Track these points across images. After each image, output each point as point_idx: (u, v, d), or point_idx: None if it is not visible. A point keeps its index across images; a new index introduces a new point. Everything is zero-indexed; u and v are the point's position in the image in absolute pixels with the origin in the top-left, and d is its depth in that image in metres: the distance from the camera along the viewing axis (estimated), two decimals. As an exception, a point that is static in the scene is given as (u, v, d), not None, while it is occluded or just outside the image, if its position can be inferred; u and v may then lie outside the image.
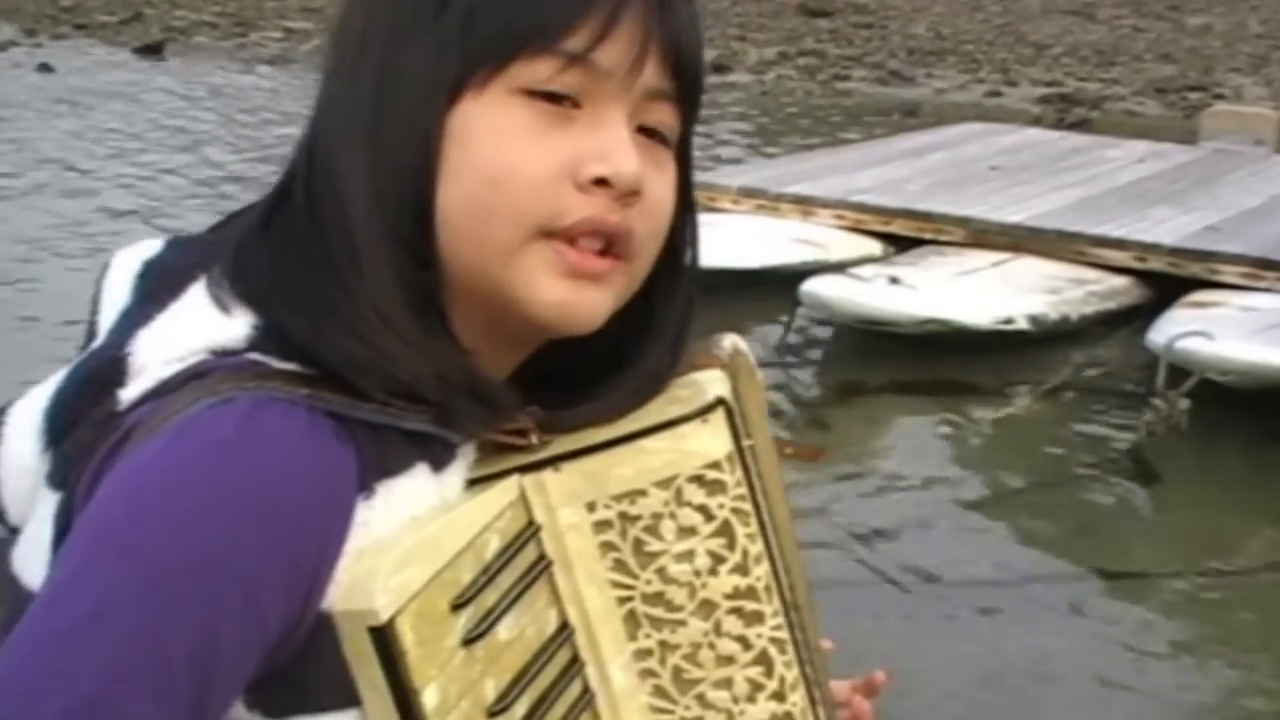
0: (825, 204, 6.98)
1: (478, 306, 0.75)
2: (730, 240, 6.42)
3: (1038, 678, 3.56)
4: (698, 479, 0.76)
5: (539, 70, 0.71)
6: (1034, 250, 6.45)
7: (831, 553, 4.16)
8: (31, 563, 0.67)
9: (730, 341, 0.89)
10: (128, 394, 0.68)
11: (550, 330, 0.76)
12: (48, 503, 0.68)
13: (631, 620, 0.77)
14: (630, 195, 0.74)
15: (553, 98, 0.72)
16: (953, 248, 6.56)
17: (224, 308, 0.70)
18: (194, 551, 0.62)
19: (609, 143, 0.73)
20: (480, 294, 0.74)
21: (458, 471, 0.72)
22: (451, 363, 0.71)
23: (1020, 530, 4.39)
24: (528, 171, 0.72)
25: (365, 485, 0.67)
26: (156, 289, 0.72)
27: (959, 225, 6.71)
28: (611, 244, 0.74)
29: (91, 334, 0.74)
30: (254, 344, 0.69)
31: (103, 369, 0.69)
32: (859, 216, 6.90)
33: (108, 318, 0.73)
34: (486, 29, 0.71)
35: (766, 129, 10.85)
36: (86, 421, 0.68)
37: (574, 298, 0.74)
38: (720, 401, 0.78)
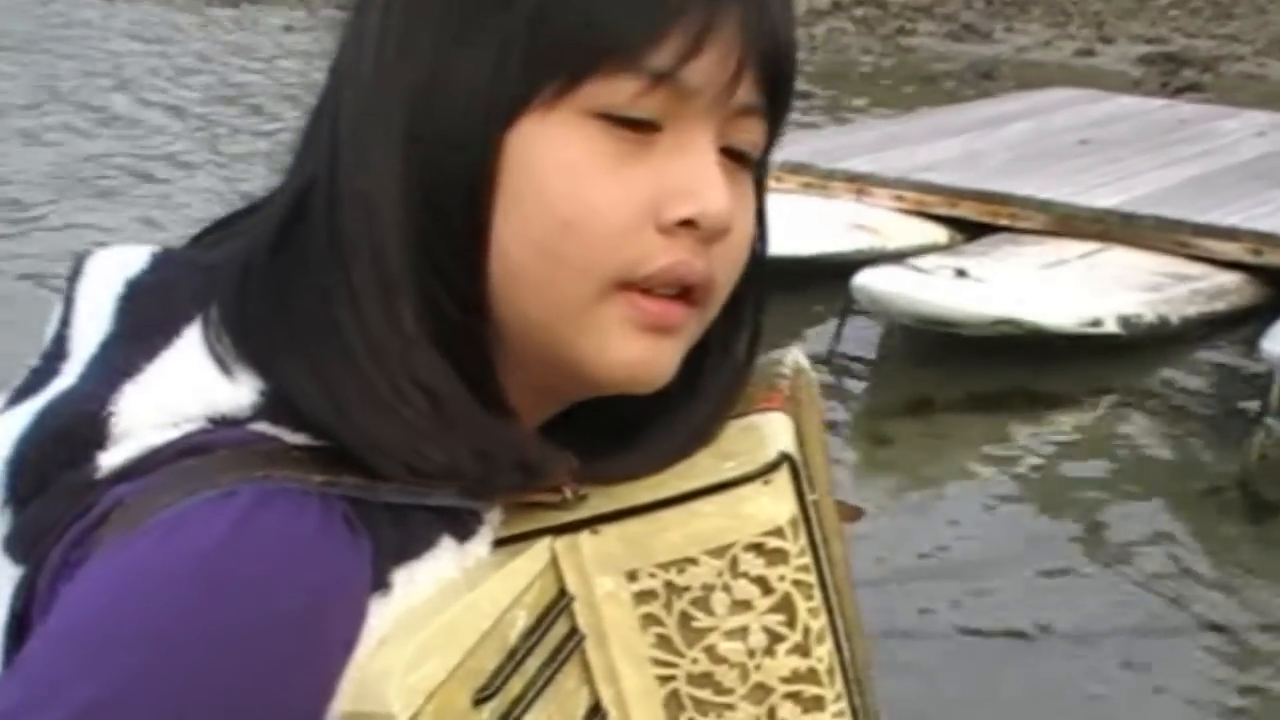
0: (883, 183, 6.99)
1: (527, 360, 0.74)
2: (772, 224, 6.42)
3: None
4: (756, 547, 0.77)
5: (618, 91, 0.70)
6: (1128, 240, 6.44)
7: (889, 595, 4.17)
8: None
9: (793, 361, 0.91)
10: (108, 460, 0.67)
11: (611, 390, 0.76)
12: (5, 575, 0.68)
13: (674, 703, 0.78)
14: (717, 235, 0.73)
15: (632, 123, 0.71)
16: (1031, 236, 6.56)
17: (225, 369, 0.69)
18: (176, 683, 0.62)
19: (696, 176, 0.72)
20: (534, 348, 0.74)
21: (484, 536, 0.73)
22: (498, 437, 0.71)
23: (1104, 571, 4.40)
24: (606, 215, 0.70)
25: (381, 581, 0.68)
26: (143, 324, 0.71)
27: (1040, 210, 6.71)
28: (690, 289, 0.74)
29: (60, 348, 0.73)
30: (261, 412, 0.69)
31: (80, 426, 0.68)
32: (922, 198, 6.91)
33: (83, 338, 0.73)
34: (558, 36, 0.69)
35: (815, 93, 10.83)
36: (57, 487, 0.67)
37: (648, 355, 0.74)
38: (785, 458, 0.78)
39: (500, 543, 0.74)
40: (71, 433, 0.68)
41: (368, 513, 0.68)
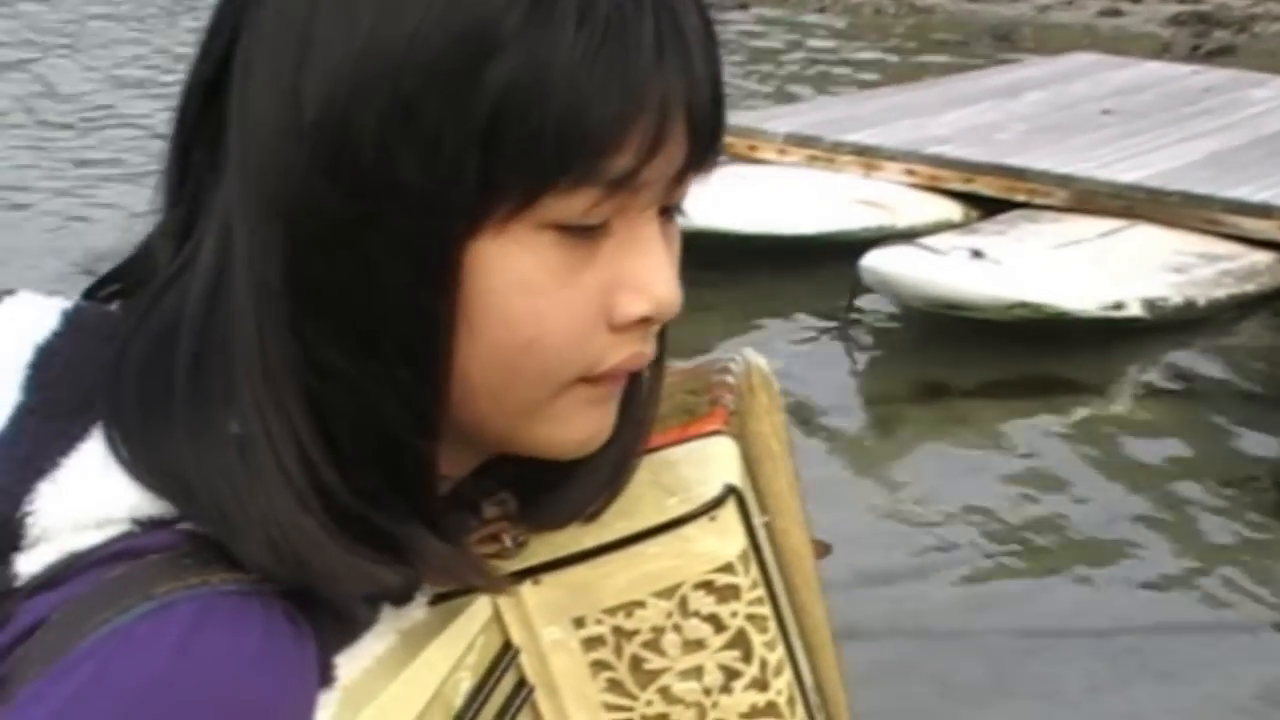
0: (893, 156, 6.99)
1: (468, 439, 0.76)
2: (774, 200, 6.45)
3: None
4: (706, 585, 0.79)
5: (574, 204, 0.71)
6: (1153, 217, 6.43)
7: (895, 590, 4.20)
8: None
9: (744, 366, 0.92)
10: (26, 566, 0.67)
11: (559, 457, 0.78)
12: None
13: None
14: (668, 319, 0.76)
15: (584, 229, 0.72)
16: (1050, 213, 6.55)
17: (133, 475, 0.69)
18: None
19: (647, 270, 0.74)
20: (482, 436, 0.76)
21: (422, 595, 0.75)
22: (430, 556, 0.73)
23: (1126, 568, 4.41)
24: (565, 328, 0.72)
25: (326, 675, 0.69)
26: (55, 404, 0.71)
27: (1059, 185, 6.70)
28: None
29: None
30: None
31: None
32: (935, 172, 6.90)
33: None
34: (516, 148, 0.69)
35: (821, 59, 10.83)
36: None
37: (600, 425, 0.77)
38: (730, 491, 0.80)
39: (440, 597, 0.76)
40: None
41: (307, 603, 0.69)
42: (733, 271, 5.95)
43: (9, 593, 0.67)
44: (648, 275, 0.74)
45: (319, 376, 0.70)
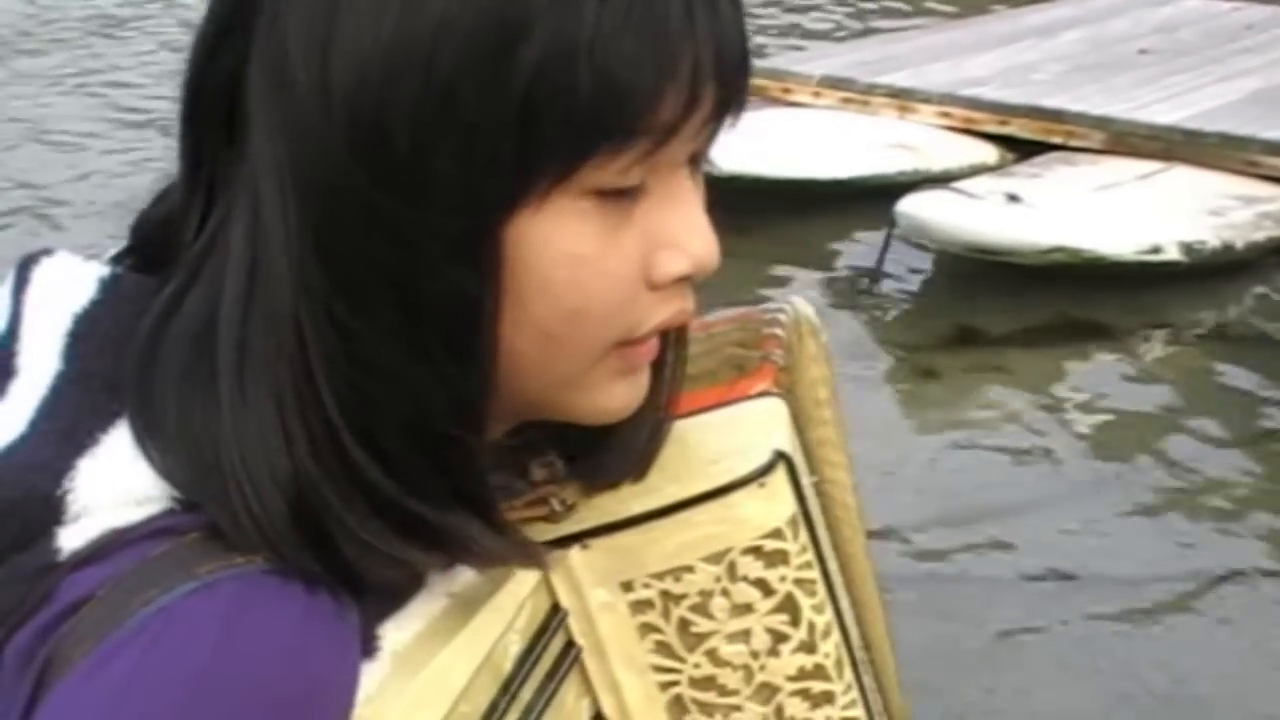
0: (928, 98, 6.97)
1: (506, 406, 0.76)
2: (809, 143, 6.43)
3: (1176, 703, 3.61)
4: (754, 550, 0.79)
5: (612, 168, 0.70)
6: (1192, 159, 6.40)
7: (931, 537, 4.22)
8: None
9: (793, 316, 0.92)
10: (69, 540, 0.68)
11: (593, 424, 0.79)
12: None
13: (677, 707, 0.81)
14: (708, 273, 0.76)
15: (621, 191, 0.72)
16: (1087, 155, 6.53)
17: (167, 458, 0.69)
18: None
19: (684, 226, 0.74)
20: (521, 403, 0.76)
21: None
22: (474, 542, 0.73)
23: (1163, 516, 4.41)
24: (607, 293, 0.72)
25: (370, 644, 0.70)
26: (93, 376, 0.71)
27: (1096, 127, 6.67)
28: None
29: (8, 363, 0.72)
30: None
31: (33, 504, 0.68)
32: (969, 114, 6.88)
33: (32, 362, 0.72)
34: (553, 125, 0.68)
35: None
36: (10, 569, 0.68)
37: (634, 393, 0.78)
38: (780, 457, 0.80)
39: None
40: (24, 509, 0.68)
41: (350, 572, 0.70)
42: (764, 217, 5.94)
43: (52, 567, 0.67)
44: (685, 232, 0.74)
45: (360, 369, 0.69)
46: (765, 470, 0.80)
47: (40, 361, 0.72)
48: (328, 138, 0.68)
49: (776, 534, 0.80)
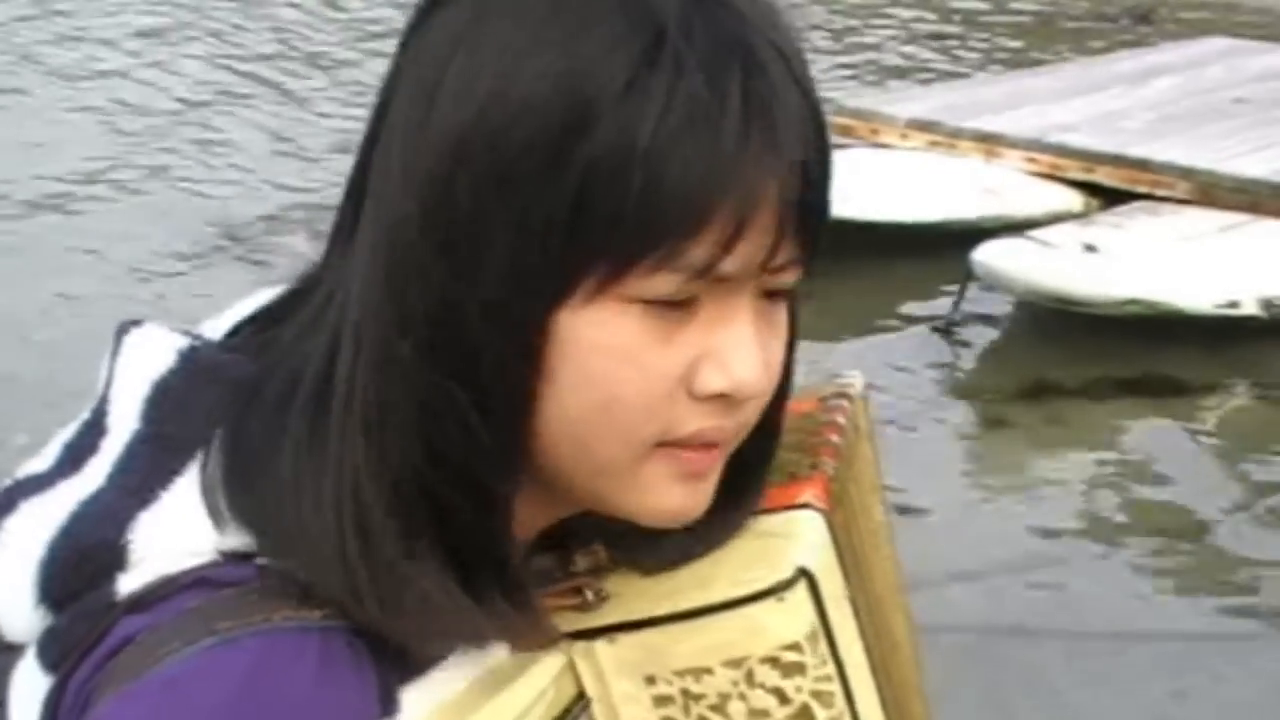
0: (1014, 143, 6.94)
1: (553, 493, 0.80)
2: (893, 186, 6.42)
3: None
4: (772, 660, 0.81)
5: (658, 284, 0.73)
6: (1276, 212, 6.34)
7: (995, 587, 4.24)
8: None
9: (849, 407, 0.93)
10: (126, 584, 0.74)
11: (649, 525, 0.82)
12: (37, 681, 0.76)
13: None
14: (748, 401, 0.78)
15: (674, 303, 0.74)
16: (1171, 205, 6.48)
17: (219, 523, 0.75)
18: None
19: (731, 347, 0.76)
20: (569, 491, 0.80)
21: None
22: (496, 616, 0.77)
23: (1228, 573, 4.40)
24: (645, 391, 0.75)
25: (388, 707, 0.74)
26: (162, 439, 0.78)
27: (1182, 177, 6.61)
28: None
29: (100, 421, 0.80)
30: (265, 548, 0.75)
31: (100, 550, 0.75)
32: (1056, 161, 6.84)
33: (117, 423, 0.79)
34: (602, 225, 0.71)
35: (949, 35, 10.69)
36: (81, 605, 0.75)
37: (688, 501, 0.80)
38: (802, 574, 0.82)
39: None
40: (93, 554, 0.76)
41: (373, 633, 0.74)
42: (844, 257, 5.93)
43: (111, 606, 0.75)
44: (729, 353, 0.76)
45: (424, 417, 0.74)
46: (786, 585, 0.82)
47: (122, 422, 0.79)
48: (409, 202, 0.74)
49: (794, 647, 0.82)
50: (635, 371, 0.74)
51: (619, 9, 0.72)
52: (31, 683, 0.77)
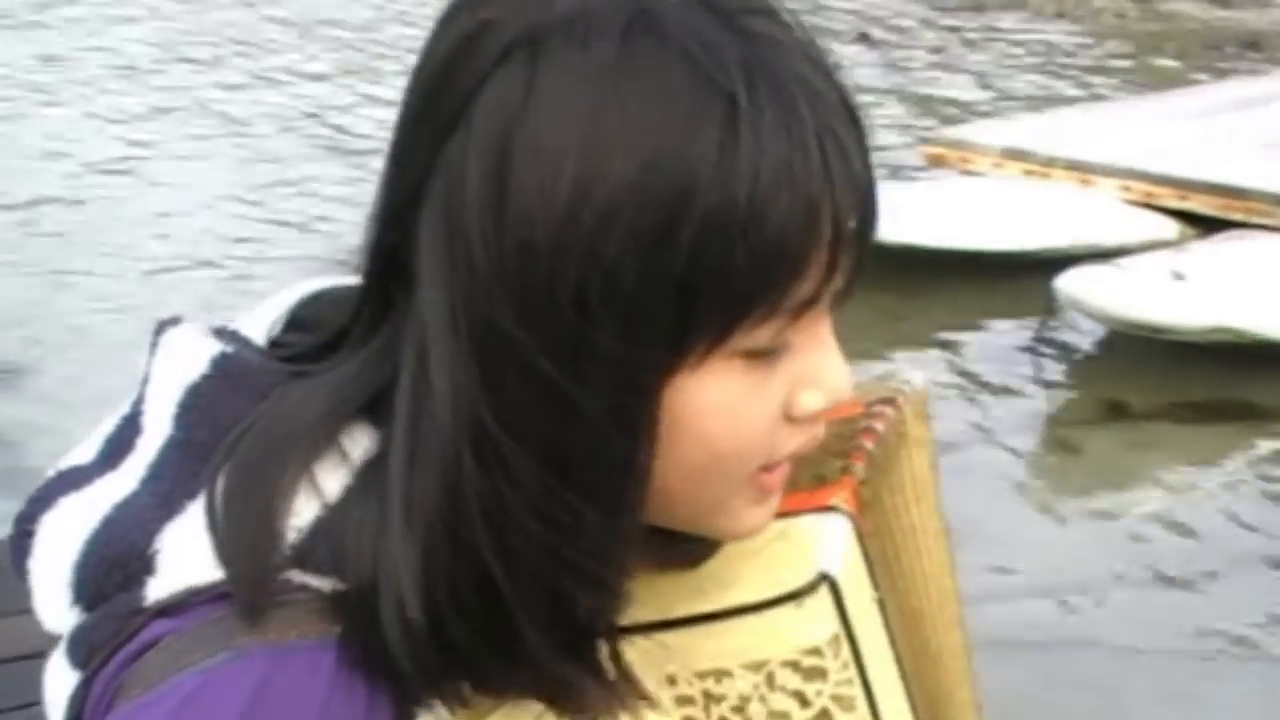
0: (1107, 171, 6.94)
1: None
2: (985, 215, 6.47)
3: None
4: (792, 664, 0.82)
5: (761, 334, 0.73)
6: (1369, 242, 6.26)
7: (1065, 607, 4.26)
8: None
9: (894, 414, 0.93)
10: (154, 589, 0.75)
11: (723, 539, 0.83)
12: (66, 676, 0.79)
13: None
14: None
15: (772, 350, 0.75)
16: (1265, 233, 6.46)
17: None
18: None
19: (824, 370, 0.77)
20: (661, 521, 0.79)
21: None
22: (579, 689, 0.77)
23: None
24: (751, 436, 0.76)
25: None
26: (192, 445, 0.78)
27: (1276, 204, 6.59)
28: None
29: (136, 421, 0.81)
30: (289, 560, 0.75)
31: (130, 559, 0.76)
32: (1150, 189, 6.84)
33: (152, 423, 0.80)
34: (710, 299, 0.71)
35: (1050, 63, 10.68)
36: (110, 606, 0.76)
37: (767, 516, 0.81)
38: (823, 579, 0.82)
39: None
40: (123, 561, 0.77)
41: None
42: (933, 282, 6.02)
43: (139, 610, 0.76)
44: (822, 374, 0.77)
45: (502, 511, 0.73)
46: (808, 590, 0.82)
47: (156, 424, 0.80)
48: (495, 296, 0.71)
49: (815, 651, 0.82)
50: (743, 423, 0.75)
51: (683, 78, 0.71)
52: (60, 676, 0.80)
